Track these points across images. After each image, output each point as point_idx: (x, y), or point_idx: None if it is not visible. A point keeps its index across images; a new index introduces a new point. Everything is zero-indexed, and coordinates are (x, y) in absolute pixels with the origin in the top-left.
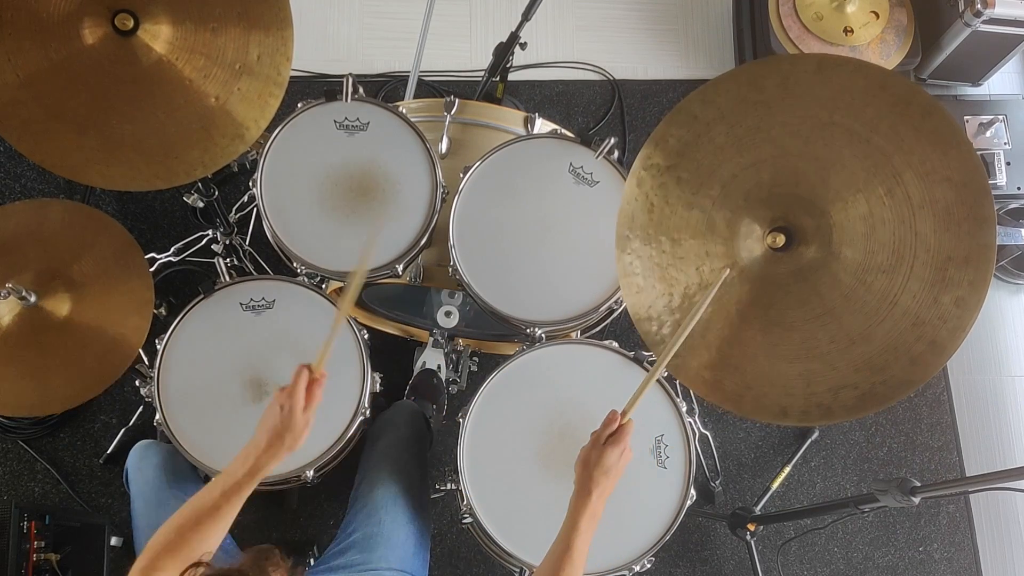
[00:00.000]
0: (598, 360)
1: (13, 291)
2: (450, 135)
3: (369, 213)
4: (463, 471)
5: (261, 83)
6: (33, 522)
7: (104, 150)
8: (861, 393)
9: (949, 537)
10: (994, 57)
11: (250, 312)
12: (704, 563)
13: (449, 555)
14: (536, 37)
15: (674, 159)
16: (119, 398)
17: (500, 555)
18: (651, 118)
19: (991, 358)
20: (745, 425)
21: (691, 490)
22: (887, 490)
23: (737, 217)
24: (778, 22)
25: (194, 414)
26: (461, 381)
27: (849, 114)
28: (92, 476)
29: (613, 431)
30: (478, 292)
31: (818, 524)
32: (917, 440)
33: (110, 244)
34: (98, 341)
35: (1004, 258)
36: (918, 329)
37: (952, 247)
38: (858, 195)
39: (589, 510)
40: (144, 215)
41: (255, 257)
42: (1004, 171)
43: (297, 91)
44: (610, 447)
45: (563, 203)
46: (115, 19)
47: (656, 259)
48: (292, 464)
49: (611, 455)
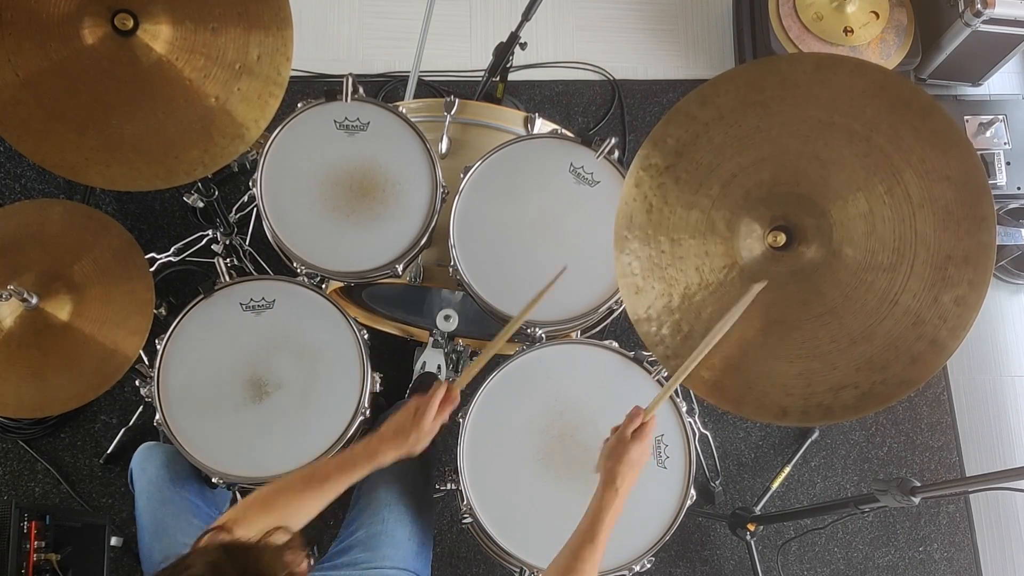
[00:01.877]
0: (598, 360)
1: (15, 293)
2: (450, 135)
3: (369, 213)
4: (463, 471)
5: (261, 83)
6: (33, 522)
7: (104, 150)
8: (862, 392)
9: (949, 537)
10: (994, 57)
11: (250, 312)
12: (704, 563)
13: (449, 555)
14: (536, 37)
15: (673, 159)
16: (119, 398)
17: (500, 555)
18: (651, 118)
19: (991, 358)
20: (745, 425)
21: (691, 490)
22: (887, 490)
23: (737, 217)
24: (778, 22)
25: (194, 414)
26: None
27: (849, 114)
28: (92, 476)
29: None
30: (478, 292)
31: (818, 524)
32: (917, 440)
33: (110, 244)
34: (99, 342)
35: (1004, 258)
36: (919, 328)
37: (952, 246)
38: (858, 194)
39: (616, 503)
40: (144, 215)
41: (255, 257)
42: (1004, 171)
43: (297, 91)
44: (636, 442)
45: (563, 203)
46: (115, 19)
47: (655, 259)
48: (292, 464)
49: (636, 449)
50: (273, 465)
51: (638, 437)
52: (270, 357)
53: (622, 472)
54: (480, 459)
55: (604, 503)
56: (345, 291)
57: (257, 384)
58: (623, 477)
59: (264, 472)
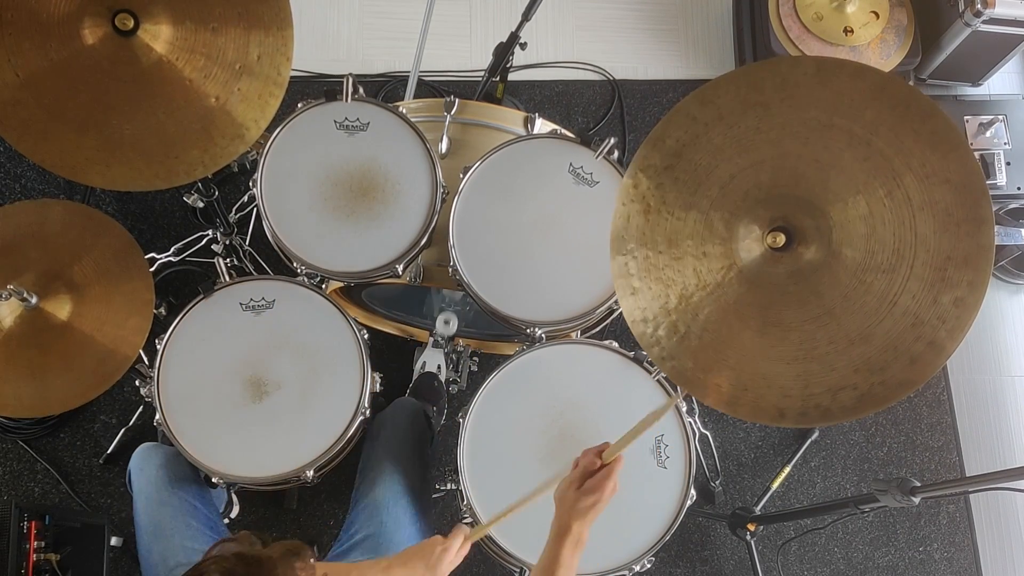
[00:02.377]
0: (598, 360)
1: (15, 293)
2: (450, 135)
3: (369, 213)
4: (463, 471)
5: (261, 83)
6: (33, 522)
7: (104, 150)
8: (860, 394)
9: (949, 537)
10: (994, 57)
11: (250, 312)
12: (704, 563)
13: None
14: (536, 37)
15: (671, 160)
16: (119, 398)
17: (500, 555)
18: (651, 118)
19: (991, 358)
20: (745, 425)
21: (691, 490)
22: (887, 490)
23: (735, 218)
24: (778, 22)
25: (194, 414)
26: (461, 381)
27: (848, 116)
28: (92, 476)
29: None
30: (478, 292)
31: (818, 524)
32: (917, 440)
33: (110, 244)
34: (99, 342)
35: (1004, 258)
36: (917, 329)
37: (951, 248)
38: (858, 196)
39: (570, 542)
40: (144, 215)
41: (255, 257)
42: (1004, 171)
43: (297, 91)
44: (585, 495)
45: (563, 203)
46: (115, 19)
47: (652, 260)
48: (292, 464)
49: (585, 501)
50: (273, 465)
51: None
52: (270, 357)
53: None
54: (480, 459)
55: (559, 546)
56: (345, 291)
57: (257, 384)
58: (572, 522)
59: (264, 472)
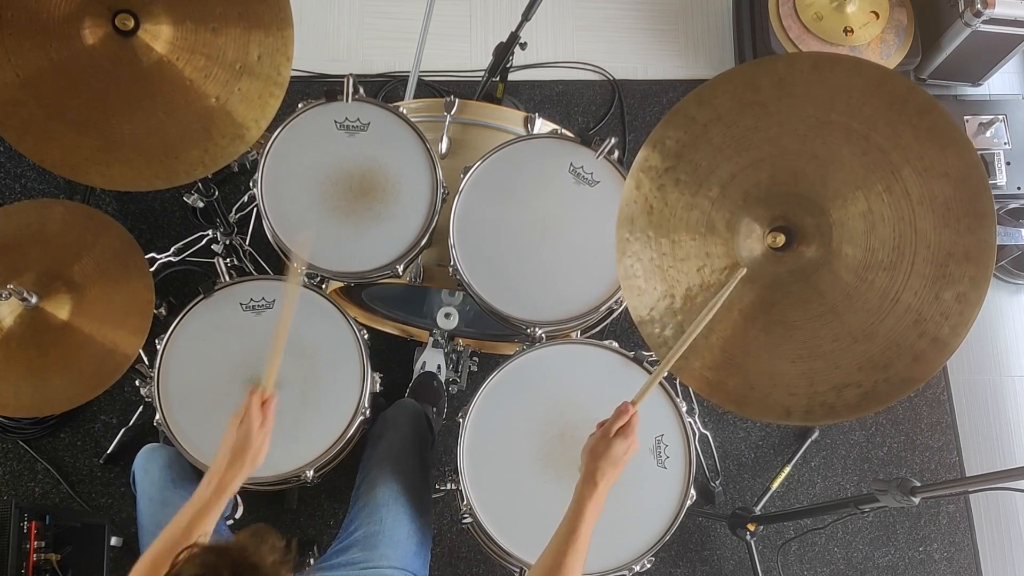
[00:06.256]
0: (598, 360)
1: (15, 292)
2: (450, 135)
3: (369, 213)
4: (463, 471)
5: (261, 83)
6: (33, 522)
7: (104, 150)
8: (865, 391)
9: (949, 537)
10: (994, 57)
11: (250, 312)
12: (704, 563)
13: (449, 555)
14: (536, 37)
15: (672, 161)
16: (119, 398)
17: (500, 555)
18: (651, 118)
19: (991, 358)
20: (745, 425)
21: (691, 490)
22: (887, 490)
23: (736, 217)
24: (778, 22)
25: (194, 414)
26: (461, 381)
27: (846, 112)
28: (92, 476)
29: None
30: (478, 292)
31: (818, 524)
32: (917, 440)
33: (110, 244)
34: (98, 341)
35: (1004, 258)
36: (920, 326)
37: (952, 243)
38: (857, 192)
39: (595, 499)
40: (144, 215)
41: (255, 257)
42: (1004, 171)
43: (297, 91)
44: (619, 438)
45: (563, 203)
46: (115, 19)
47: (657, 261)
48: (292, 464)
49: (619, 446)
50: (273, 465)
51: (623, 434)
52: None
53: (602, 468)
54: (480, 459)
55: (584, 499)
56: (345, 291)
57: (257, 384)
58: (603, 473)
59: (263, 472)
